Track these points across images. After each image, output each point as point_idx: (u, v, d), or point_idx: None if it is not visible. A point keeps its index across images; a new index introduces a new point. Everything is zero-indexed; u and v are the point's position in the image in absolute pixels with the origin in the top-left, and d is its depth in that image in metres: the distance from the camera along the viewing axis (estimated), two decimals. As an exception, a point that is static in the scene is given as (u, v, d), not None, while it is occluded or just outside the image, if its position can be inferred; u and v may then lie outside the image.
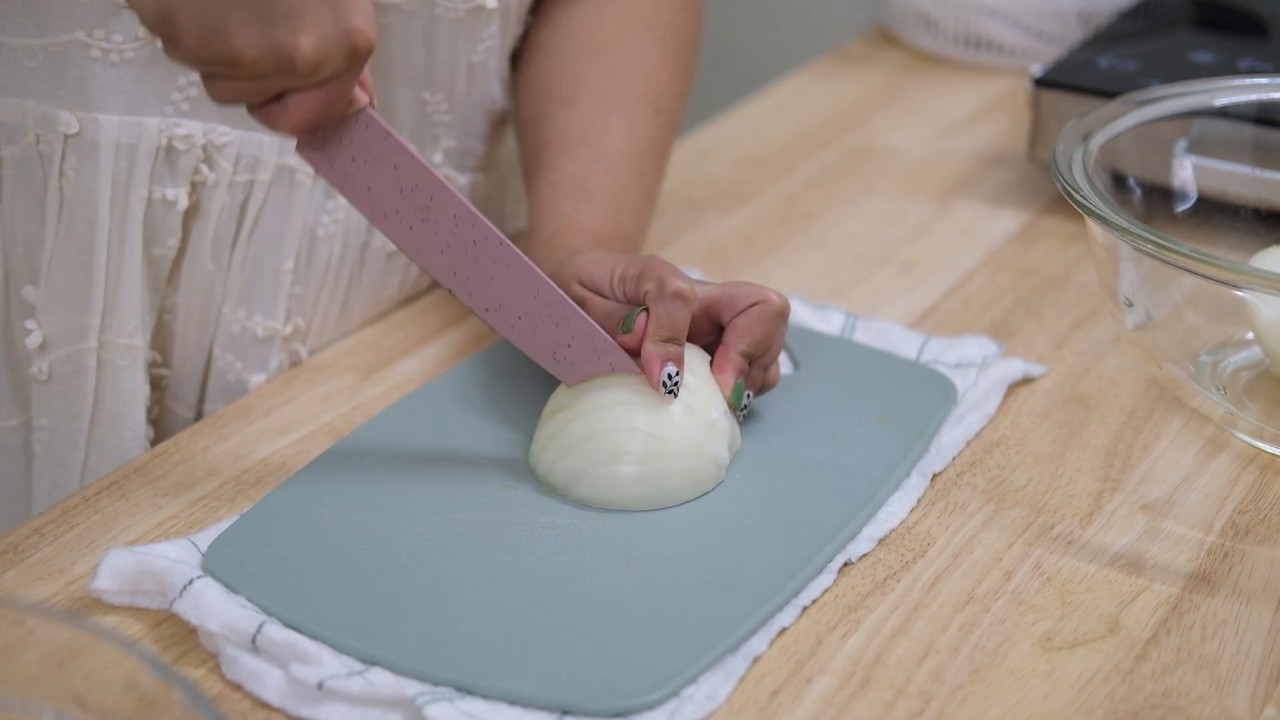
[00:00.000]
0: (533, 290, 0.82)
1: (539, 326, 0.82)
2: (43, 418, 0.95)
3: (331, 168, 0.80)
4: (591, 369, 0.82)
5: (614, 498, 0.80)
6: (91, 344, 0.93)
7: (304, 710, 0.69)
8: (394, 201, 0.81)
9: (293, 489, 0.81)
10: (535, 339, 0.82)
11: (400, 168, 0.80)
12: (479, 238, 0.81)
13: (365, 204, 0.81)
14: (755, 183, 1.19)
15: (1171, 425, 0.90)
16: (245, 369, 0.96)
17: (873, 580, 0.78)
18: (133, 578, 0.74)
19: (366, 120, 0.80)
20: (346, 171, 0.80)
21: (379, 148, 0.80)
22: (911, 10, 1.41)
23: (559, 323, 0.82)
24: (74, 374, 0.93)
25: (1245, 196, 1.00)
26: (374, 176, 0.80)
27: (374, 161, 0.80)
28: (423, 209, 0.81)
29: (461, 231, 0.81)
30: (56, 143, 0.90)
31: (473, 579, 0.75)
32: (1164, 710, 0.70)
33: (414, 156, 0.80)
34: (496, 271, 0.81)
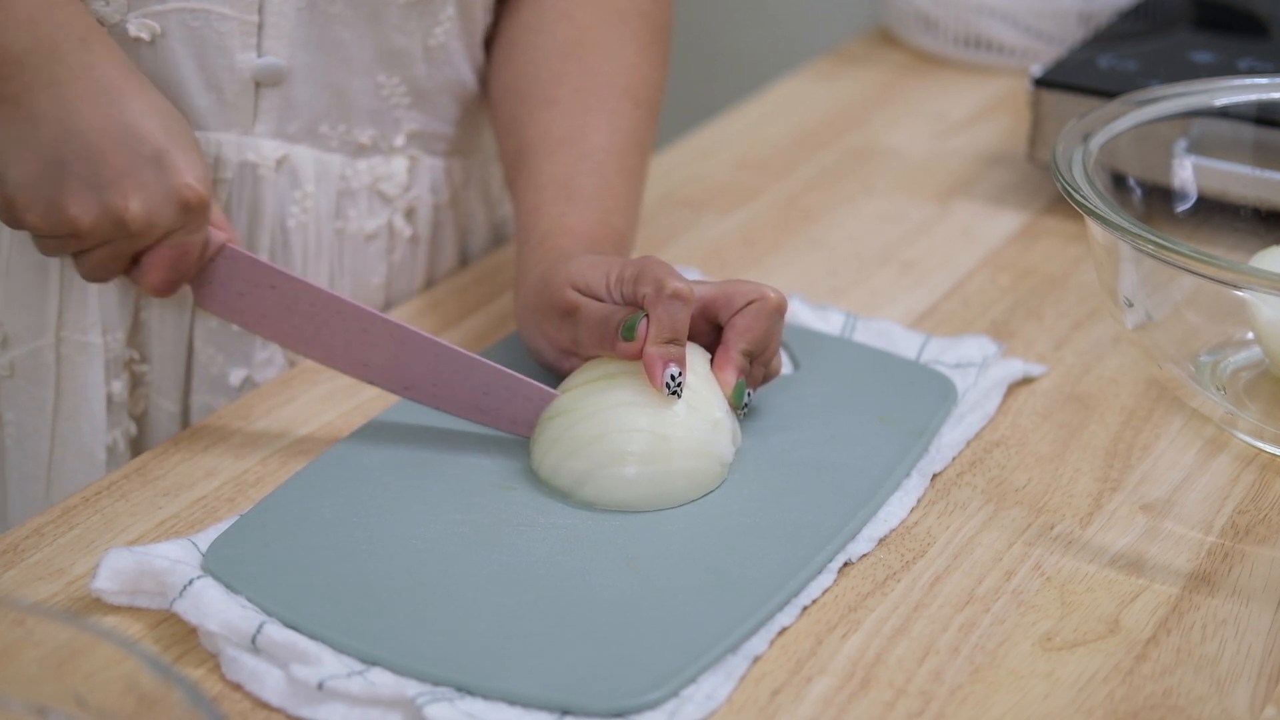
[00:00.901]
0: (431, 356, 0.85)
1: (454, 386, 0.85)
2: (10, 412, 0.97)
3: (228, 309, 0.87)
4: (515, 409, 0.85)
5: (620, 499, 0.80)
6: (50, 340, 0.95)
7: (304, 710, 0.69)
8: (288, 319, 0.86)
9: (293, 489, 0.81)
10: (456, 399, 0.86)
11: (277, 287, 0.86)
12: (367, 325, 0.85)
13: (268, 331, 0.87)
14: (755, 183, 1.19)
15: (1171, 425, 0.90)
16: (227, 361, 0.98)
17: (873, 580, 0.78)
18: (133, 578, 0.74)
19: (233, 256, 0.86)
20: (240, 308, 0.87)
21: (253, 275, 0.86)
22: (911, 10, 1.41)
23: (465, 376, 0.85)
24: (36, 369, 0.96)
25: (1245, 196, 1.00)
26: (262, 304, 0.86)
27: (255, 289, 0.86)
28: (311, 316, 0.86)
29: (350, 324, 0.86)
30: None
31: (473, 579, 0.75)
32: (1164, 710, 0.70)
33: (283, 272, 0.86)
34: (397, 350, 0.85)
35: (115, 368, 0.97)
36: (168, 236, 0.83)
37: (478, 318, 1.00)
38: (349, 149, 0.98)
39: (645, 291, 0.82)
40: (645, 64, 1.01)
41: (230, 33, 0.92)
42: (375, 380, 0.86)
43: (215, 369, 0.98)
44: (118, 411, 0.98)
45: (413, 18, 0.97)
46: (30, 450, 0.97)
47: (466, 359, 0.84)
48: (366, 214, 1.00)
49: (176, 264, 0.84)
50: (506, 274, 1.05)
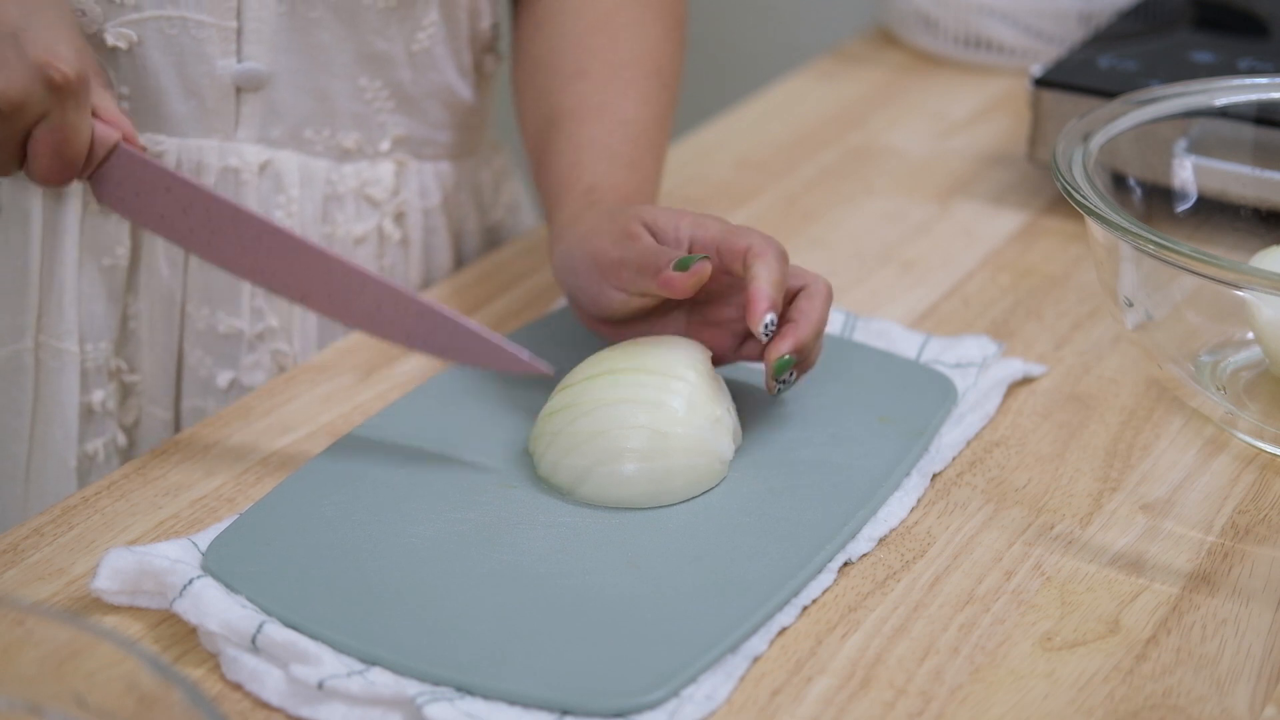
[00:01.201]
0: (324, 265, 0.84)
1: (348, 295, 0.84)
2: None
3: (126, 208, 0.85)
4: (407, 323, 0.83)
5: (619, 496, 0.80)
6: (29, 344, 0.96)
7: (304, 710, 0.69)
8: (184, 222, 0.84)
9: (292, 489, 0.81)
10: (350, 309, 0.84)
11: (172, 190, 0.84)
12: (260, 233, 0.84)
13: (166, 232, 0.85)
14: (755, 183, 1.19)
15: (1171, 425, 0.90)
16: (216, 364, 0.98)
17: (873, 580, 0.78)
18: (133, 578, 0.74)
19: (125, 155, 0.84)
20: (138, 208, 0.85)
21: (147, 176, 0.84)
22: (911, 10, 1.41)
23: (360, 288, 0.83)
24: (15, 371, 0.96)
25: (1245, 196, 1.00)
26: (158, 205, 0.85)
27: (150, 190, 0.85)
28: (207, 221, 0.84)
29: (245, 231, 0.84)
30: None
31: (472, 578, 0.75)
32: (1164, 710, 0.70)
33: (177, 176, 0.84)
34: (291, 260, 0.84)
35: (98, 378, 0.97)
36: (44, 119, 0.82)
37: (477, 318, 1.00)
38: (334, 153, 0.99)
39: (750, 242, 0.82)
40: (669, 45, 1.02)
41: (209, 39, 0.92)
42: (272, 287, 0.85)
43: (204, 371, 0.98)
44: (100, 421, 0.98)
45: (393, 22, 0.97)
46: (9, 451, 0.97)
47: (359, 272, 0.83)
48: (354, 218, 1.00)
49: (59, 150, 0.82)
50: (504, 275, 1.05)
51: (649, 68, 1.00)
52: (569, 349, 0.91)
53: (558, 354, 0.91)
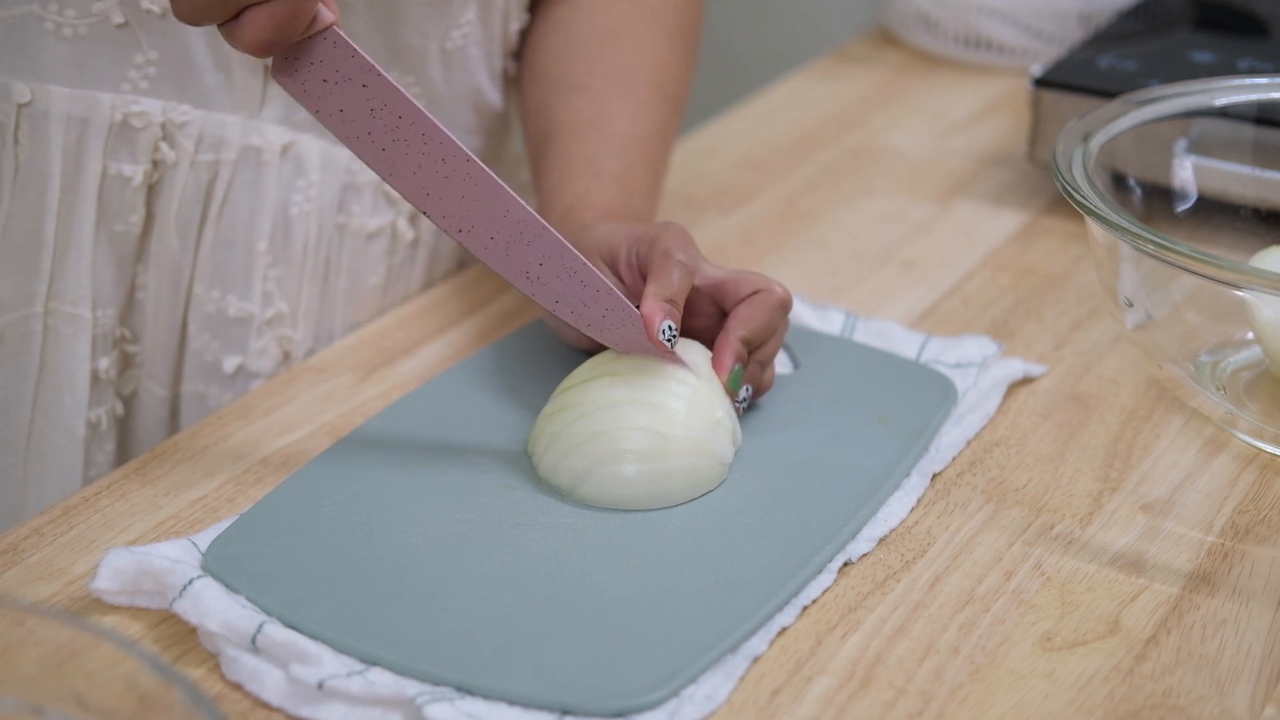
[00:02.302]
0: (502, 209, 0.81)
1: (510, 245, 0.81)
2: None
3: (305, 92, 0.80)
4: (563, 287, 0.81)
5: (619, 497, 0.80)
6: (38, 309, 0.94)
7: (304, 710, 0.69)
8: (366, 123, 0.80)
9: (292, 489, 0.81)
10: (508, 259, 0.81)
11: (369, 86, 0.80)
12: (448, 155, 0.80)
13: (339, 127, 0.81)
14: (755, 182, 1.19)
15: (1171, 425, 0.90)
16: (222, 349, 0.97)
17: (873, 580, 0.78)
18: (133, 578, 0.74)
19: (334, 39, 0.79)
20: (319, 94, 0.80)
21: (347, 67, 0.80)
22: (911, 10, 1.41)
23: (530, 241, 0.81)
24: (23, 337, 0.95)
25: (1245, 196, 1.00)
26: (345, 98, 0.80)
27: (344, 82, 0.80)
28: (393, 129, 0.80)
29: (431, 150, 0.80)
30: (11, 111, 0.92)
31: (473, 578, 0.75)
32: (1164, 710, 0.70)
33: (381, 75, 0.80)
34: (467, 190, 0.81)
35: (104, 344, 0.96)
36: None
37: (476, 319, 1.00)
38: None
39: (653, 258, 0.83)
40: (675, 60, 1.02)
41: None
42: (431, 212, 0.81)
43: (209, 356, 0.97)
44: (103, 389, 0.97)
45: (430, 18, 0.97)
46: (11, 419, 0.96)
47: (538, 225, 0.81)
48: (370, 212, 1.00)
49: (284, 25, 0.77)
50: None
51: (650, 81, 1.00)
52: (567, 350, 0.91)
53: (555, 356, 0.91)
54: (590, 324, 0.82)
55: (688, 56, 1.04)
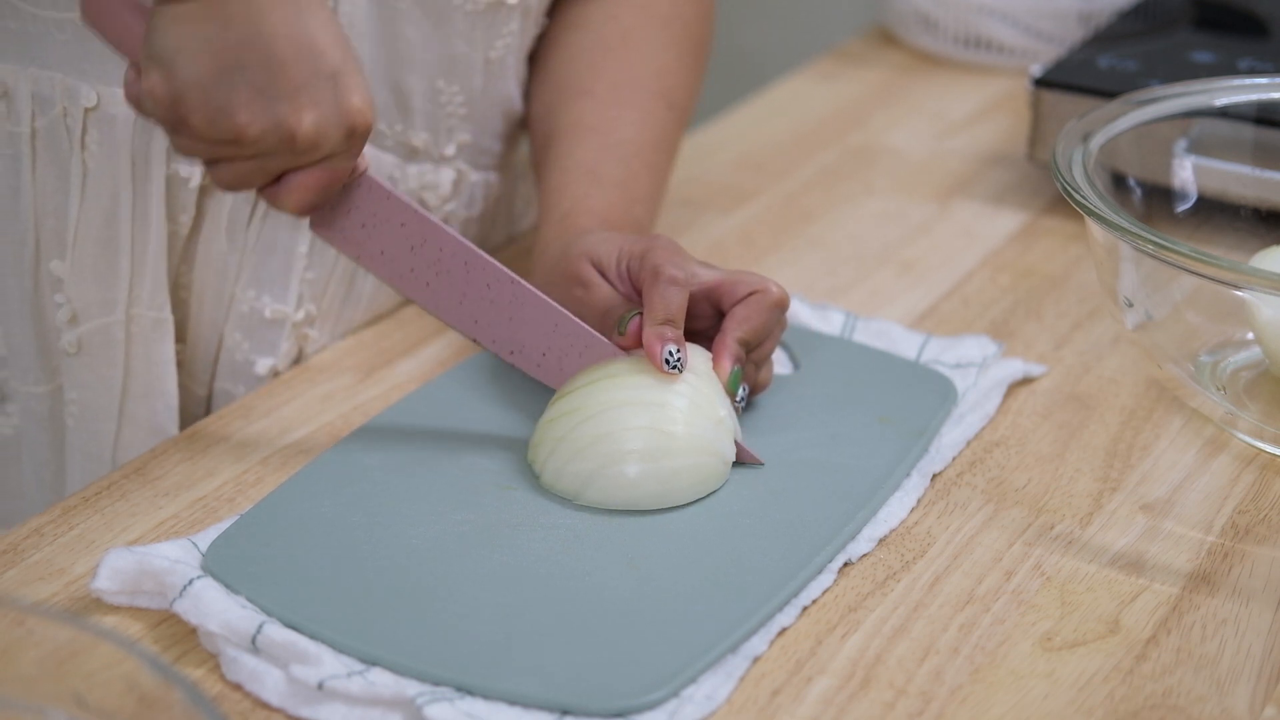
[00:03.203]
0: (551, 324, 0.83)
1: (563, 359, 0.83)
2: (73, 390, 0.95)
3: (345, 239, 0.82)
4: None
5: (624, 499, 0.80)
6: (120, 317, 0.93)
7: (304, 710, 0.69)
8: (408, 260, 0.82)
9: (293, 489, 0.81)
10: (562, 372, 0.84)
11: (407, 225, 0.82)
12: (491, 280, 0.82)
13: (382, 269, 0.83)
14: (755, 182, 1.19)
15: (1171, 425, 0.90)
16: (252, 350, 0.97)
17: (873, 580, 0.78)
18: (133, 578, 0.74)
19: (369, 185, 0.81)
20: (359, 240, 0.82)
21: (384, 209, 0.82)
22: (911, 10, 1.41)
23: (581, 353, 0.83)
24: (104, 346, 0.94)
25: (1245, 196, 1.00)
26: (385, 239, 0.82)
27: (382, 224, 0.82)
28: (435, 262, 0.82)
29: (474, 277, 0.82)
30: (79, 115, 0.91)
31: (473, 579, 0.75)
32: (1164, 710, 0.70)
33: (417, 211, 0.82)
34: (514, 312, 0.83)
35: None
36: (326, 159, 0.79)
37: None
38: (402, 151, 0.98)
39: (644, 277, 0.83)
40: (682, 69, 1.03)
41: None
42: (481, 338, 0.83)
43: (240, 355, 0.97)
44: None
45: (479, 27, 0.97)
46: (95, 429, 0.95)
47: (585, 332, 0.83)
48: None
49: (325, 188, 0.79)
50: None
51: (655, 89, 1.00)
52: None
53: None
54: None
55: (695, 67, 1.04)
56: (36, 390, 0.97)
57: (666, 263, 0.83)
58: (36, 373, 0.96)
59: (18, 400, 0.98)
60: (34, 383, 0.97)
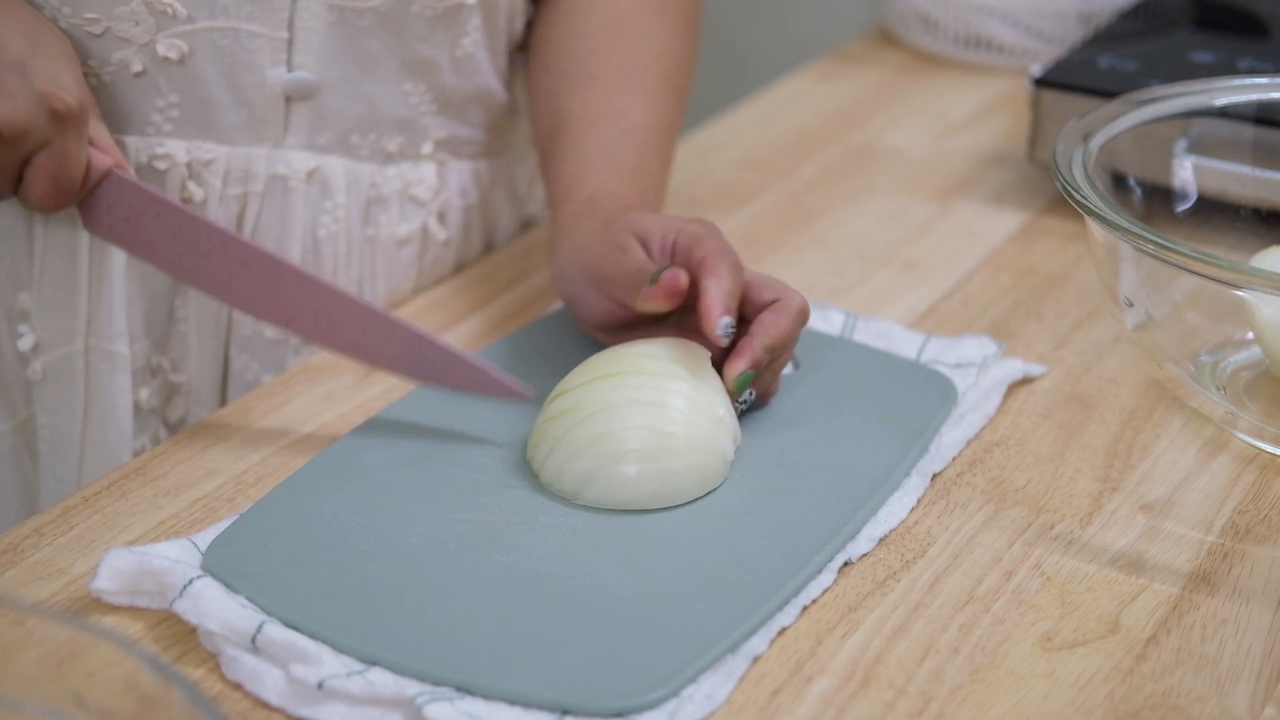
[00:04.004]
0: (312, 292, 0.85)
1: (333, 321, 0.86)
2: (43, 416, 0.98)
3: (115, 235, 0.87)
4: (393, 349, 0.85)
5: (624, 498, 0.80)
6: (79, 347, 0.96)
7: (304, 710, 0.69)
8: (172, 248, 0.86)
9: (292, 488, 0.81)
10: (335, 335, 0.86)
11: (162, 215, 0.86)
12: (249, 259, 0.86)
13: (153, 257, 0.87)
14: (756, 182, 1.19)
15: (1171, 425, 0.90)
16: (262, 369, 1.00)
17: (873, 580, 0.78)
18: (133, 578, 0.74)
19: (116, 181, 0.86)
20: (127, 234, 0.87)
21: (138, 202, 0.86)
22: (911, 10, 1.42)
23: (346, 313, 0.85)
24: (65, 374, 0.96)
25: (1245, 196, 1.00)
26: (148, 230, 0.86)
27: (140, 216, 0.86)
28: (195, 247, 0.86)
29: (233, 256, 0.86)
30: None
31: (473, 578, 0.75)
32: (1164, 710, 0.70)
33: (167, 201, 0.86)
34: (278, 285, 0.86)
35: (143, 376, 0.98)
36: (45, 147, 0.83)
37: (475, 319, 1.00)
38: (378, 157, 0.99)
39: (704, 254, 0.84)
40: (680, 51, 1.03)
41: (260, 49, 0.93)
42: (258, 313, 0.86)
43: (250, 375, 0.99)
44: (145, 417, 0.98)
45: (439, 29, 0.98)
46: (62, 454, 0.98)
47: (346, 297, 0.85)
48: (398, 219, 1.01)
49: (57, 176, 0.84)
50: (502, 276, 1.05)
51: (658, 73, 1.01)
52: (566, 352, 0.91)
53: (554, 357, 0.91)
54: (427, 377, 0.86)
55: (691, 47, 1.05)
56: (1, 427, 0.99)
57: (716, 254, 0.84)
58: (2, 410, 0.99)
59: None
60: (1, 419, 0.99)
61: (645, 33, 1.02)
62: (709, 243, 0.85)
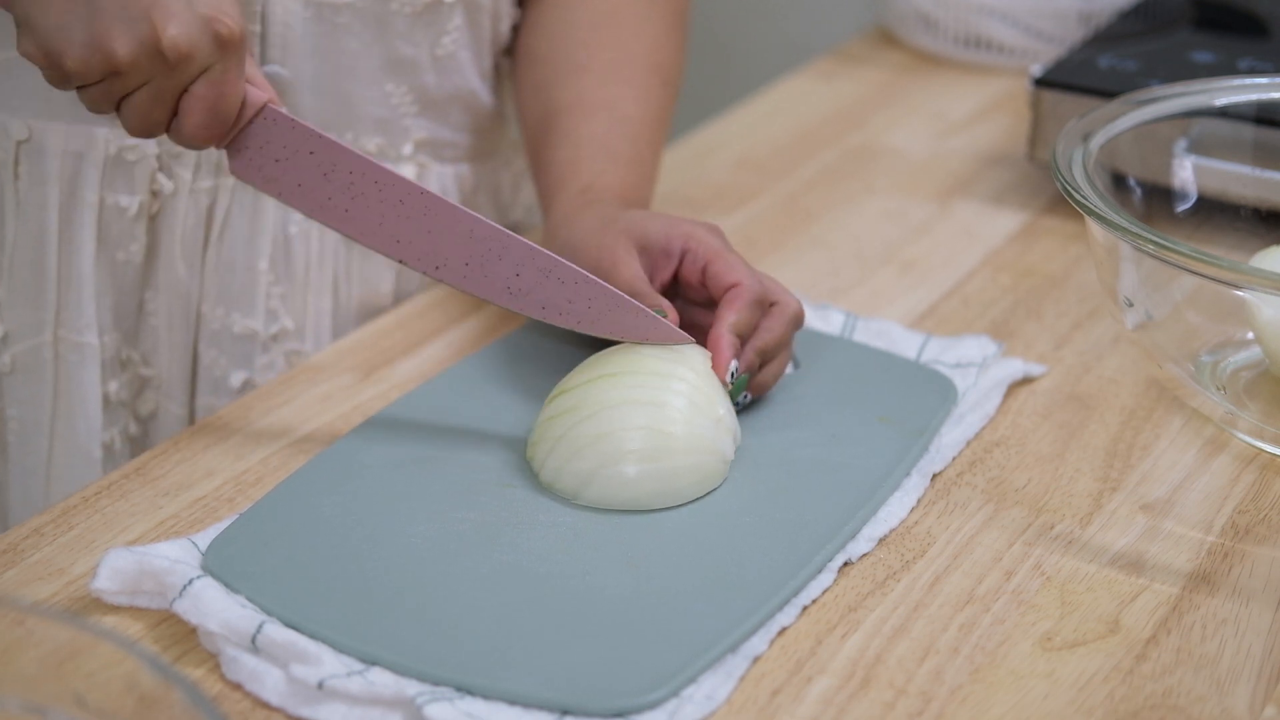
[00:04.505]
0: (467, 231, 0.82)
1: (485, 266, 0.83)
2: (13, 408, 0.98)
3: (264, 177, 0.83)
4: (544, 292, 0.83)
5: (624, 498, 0.80)
6: (47, 338, 0.96)
7: (304, 710, 0.69)
8: (324, 189, 0.82)
9: (292, 488, 0.81)
10: (486, 280, 0.83)
11: (316, 152, 0.82)
12: (404, 195, 0.82)
13: (303, 203, 0.83)
14: (756, 183, 1.19)
15: (1171, 425, 0.90)
16: (230, 364, 0.99)
17: (873, 580, 0.78)
18: (133, 578, 0.74)
19: (272, 116, 0.82)
20: (276, 176, 0.83)
21: (292, 139, 0.82)
22: (911, 10, 1.41)
23: (501, 255, 0.82)
24: (34, 366, 0.97)
25: (1245, 196, 1.00)
26: (299, 171, 0.82)
27: (293, 155, 0.82)
28: (348, 186, 0.82)
29: (387, 195, 0.82)
30: (10, 148, 0.95)
31: (473, 578, 0.75)
32: (1164, 710, 0.70)
33: (324, 136, 0.82)
34: (431, 225, 0.82)
35: (113, 368, 0.98)
36: (205, 74, 0.80)
37: (471, 320, 1.00)
38: None
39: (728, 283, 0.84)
40: (670, 43, 1.03)
41: None
42: (405, 257, 0.83)
43: (218, 371, 0.99)
44: (115, 411, 0.98)
45: (419, 27, 0.97)
46: (31, 446, 0.98)
47: (506, 237, 0.82)
48: None
49: (216, 106, 0.80)
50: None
51: (650, 65, 1.01)
52: (564, 352, 0.91)
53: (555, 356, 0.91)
54: (580, 320, 0.83)
55: (680, 40, 1.05)
56: None
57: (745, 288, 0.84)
58: None
59: None
60: None
61: (636, 25, 1.02)
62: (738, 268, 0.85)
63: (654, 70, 1.01)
